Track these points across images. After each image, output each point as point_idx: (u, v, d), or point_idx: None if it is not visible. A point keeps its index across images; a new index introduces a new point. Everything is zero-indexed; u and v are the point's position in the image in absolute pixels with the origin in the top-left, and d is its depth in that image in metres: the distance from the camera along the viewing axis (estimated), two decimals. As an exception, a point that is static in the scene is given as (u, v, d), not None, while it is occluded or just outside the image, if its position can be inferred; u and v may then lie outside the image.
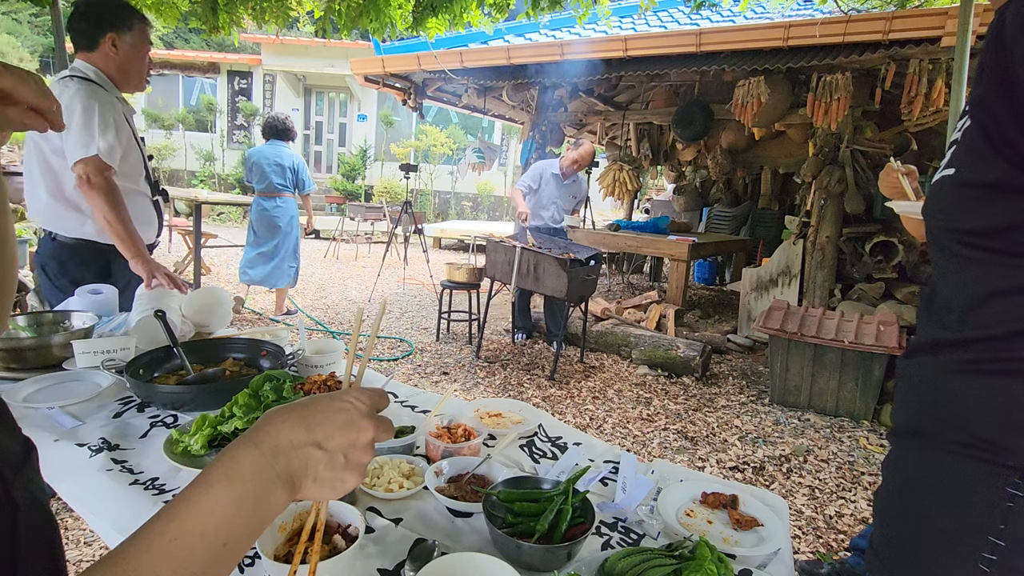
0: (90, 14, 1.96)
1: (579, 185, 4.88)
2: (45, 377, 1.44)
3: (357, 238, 10.48)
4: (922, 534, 0.78)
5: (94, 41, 1.96)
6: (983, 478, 0.70)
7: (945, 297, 0.79)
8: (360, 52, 11.22)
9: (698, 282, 8.28)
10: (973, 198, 0.72)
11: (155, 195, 2.24)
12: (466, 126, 16.26)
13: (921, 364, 0.82)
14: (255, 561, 0.85)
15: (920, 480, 0.79)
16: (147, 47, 2.08)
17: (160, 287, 1.90)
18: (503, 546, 0.87)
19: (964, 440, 0.73)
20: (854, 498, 2.67)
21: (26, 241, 5.72)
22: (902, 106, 4.27)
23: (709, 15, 6.08)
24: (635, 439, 3.21)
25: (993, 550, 0.68)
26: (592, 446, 1.32)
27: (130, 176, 2.08)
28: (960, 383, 0.75)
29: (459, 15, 3.86)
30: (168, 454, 1.09)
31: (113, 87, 2.03)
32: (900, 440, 0.86)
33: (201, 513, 0.45)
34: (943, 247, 0.79)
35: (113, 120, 1.92)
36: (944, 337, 0.78)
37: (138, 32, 2.02)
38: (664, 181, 11.81)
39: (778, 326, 3.66)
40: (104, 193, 1.86)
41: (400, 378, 3.96)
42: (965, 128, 0.74)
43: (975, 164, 0.71)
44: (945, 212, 0.78)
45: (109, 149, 1.89)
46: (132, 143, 2.07)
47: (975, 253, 0.72)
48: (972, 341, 0.73)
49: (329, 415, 0.54)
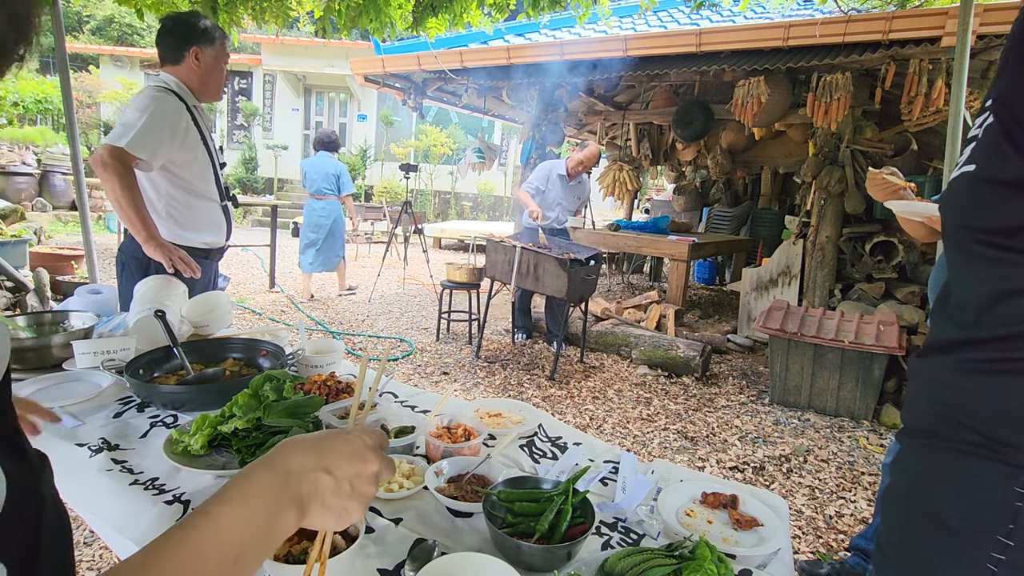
0: (176, 30, 2.08)
1: (584, 186, 4.88)
2: (45, 377, 1.44)
3: (357, 238, 10.48)
4: (930, 534, 0.77)
5: (179, 55, 2.09)
6: (993, 477, 0.70)
7: (960, 296, 0.78)
8: (360, 52, 11.22)
9: (698, 282, 8.28)
10: (993, 195, 0.71)
11: (224, 200, 2.32)
12: (466, 126, 16.26)
13: (933, 363, 0.82)
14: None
15: (928, 479, 0.79)
16: (226, 59, 2.21)
17: (162, 282, 1.90)
18: (503, 546, 0.87)
19: (974, 439, 0.72)
20: (854, 498, 2.67)
21: (26, 241, 5.71)
22: (902, 106, 4.28)
23: (709, 15, 6.08)
24: (635, 439, 3.21)
25: (1002, 550, 0.68)
26: (592, 446, 1.32)
27: (196, 181, 2.17)
28: (972, 382, 0.74)
29: (459, 15, 3.86)
30: (168, 454, 1.09)
31: (191, 97, 2.14)
32: (909, 439, 0.85)
33: (219, 526, 0.47)
34: (960, 245, 0.77)
35: (169, 126, 2.01)
36: (958, 336, 0.77)
37: (219, 45, 2.15)
38: (664, 181, 11.81)
39: (778, 326, 3.66)
40: (117, 175, 1.91)
41: (400, 378, 3.96)
42: (986, 124, 0.73)
43: (996, 161, 0.71)
44: (963, 209, 0.76)
45: (143, 146, 1.95)
46: (200, 150, 2.16)
47: (993, 252, 0.71)
48: (987, 340, 0.73)
49: (338, 445, 0.58)
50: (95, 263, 3.56)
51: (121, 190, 1.92)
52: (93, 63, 15.17)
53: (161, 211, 2.11)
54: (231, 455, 1.13)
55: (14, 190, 9.54)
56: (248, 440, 1.11)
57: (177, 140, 2.05)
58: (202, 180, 2.19)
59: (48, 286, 4.64)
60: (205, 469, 1.07)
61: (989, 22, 3.41)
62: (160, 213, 2.11)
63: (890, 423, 3.51)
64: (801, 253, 5.11)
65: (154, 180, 2.09)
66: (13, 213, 7.77)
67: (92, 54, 15.58)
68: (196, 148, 2.14)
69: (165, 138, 2.00)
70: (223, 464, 1.11)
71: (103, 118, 13.37)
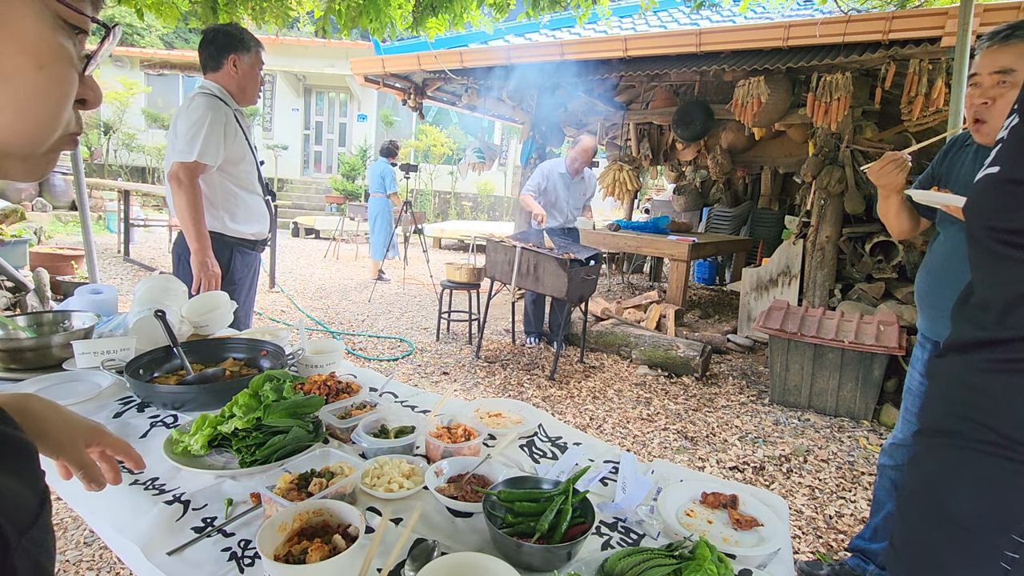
0: (217, 40, 2.29)
1: (588, 183, 4.85)
2: (45, 377, 1.44)
3: (357, 238, 10.48)
4: (944, 532, 0.77)
5: (219, 62, 2.30)
6: (1008, 476, 0.70)
7: (983, 297, 0.78)
8: (360, 52, 11.22)
9: (698, 282, 8.28)
10: (1018, 196, 0.71)
11: (266, 195, 2.54)
12: (466, 126, 16.26)
13: (951, 363, 0.82)
14: (255, 561, 0.85)
15: (944, 479, 0.79)
16: (261, 66, 2.41)
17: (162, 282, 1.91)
18: (503, 546, 0.87)
19: (990, 438, 0.72)
20: (854, 498, 2.67)
21: (26, 241, 5.71)
22: (902, 106, 4.27)
23: (709, 15, 6.08)
24: (635, 439, 3.21)
25: (1016, 548, 0.68)
26: (592, 446, 1.32)
27: (245, 178, 2.39)
28: (989, 381, 0.74)
29: (459, 15, 3.86)
30: (168, 454, 1.09)
31: (232, 100, 2.34)
32: (926, 439, 0.85)
33: None
34: (984, 246, 0.77)
35: (223, 129, 2.23)
36: (978, 337, 0.77)
37: (255, 53, 2.36)
38: (664, 181, 11.81)
39: (778, 326, 3.66)
40: (188, 193, 2.16)
41: (400, 378, 3.96)
42: (1012, 126, 0.73)
43: (1021, 161, 0.71)
44: (988, 210, 0.77)
45: (209, 153, 2.19)
46: (246, 150, 2.38)
47: (1017, 252, 0.71)
48: (1009, 340, 0.73)
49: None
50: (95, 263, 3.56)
51: (188, 206, 2.16)
52: (93, 63, 15.14)
53: (218, 204, 2.33)
54: (231, 455, 1.13)
55: (14, 190, 9.54)
56: (248, 440, 1.11)
57: (229, 141, 2.27)
58: (248, 176, 2.41)
59: (48, 286, 4.64)
60: (205, 469, 1.07)
61: (989, 22, 3.41)
62: (217, 205, 2.33)
63: (890, 423, 3.51)
64: (801, 253, 5.11)
65: (209, 178, 2.29)
66: (13, 213, 7.77)
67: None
68: (243, 148, 2.35)
69: (222, 142, 2.23)
70: (223, 464, 1.11)
71: (103, 118, 13.37)
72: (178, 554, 0.87)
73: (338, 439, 1.25)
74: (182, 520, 0.95)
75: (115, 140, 13.31)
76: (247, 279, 2.52)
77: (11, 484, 0.42)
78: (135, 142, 13.52)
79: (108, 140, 13.23)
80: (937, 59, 3.92)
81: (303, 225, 12.08)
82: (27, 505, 0.44)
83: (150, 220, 9.25)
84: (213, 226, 2.33)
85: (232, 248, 2.41)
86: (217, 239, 2.33)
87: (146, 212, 10.42)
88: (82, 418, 0.81)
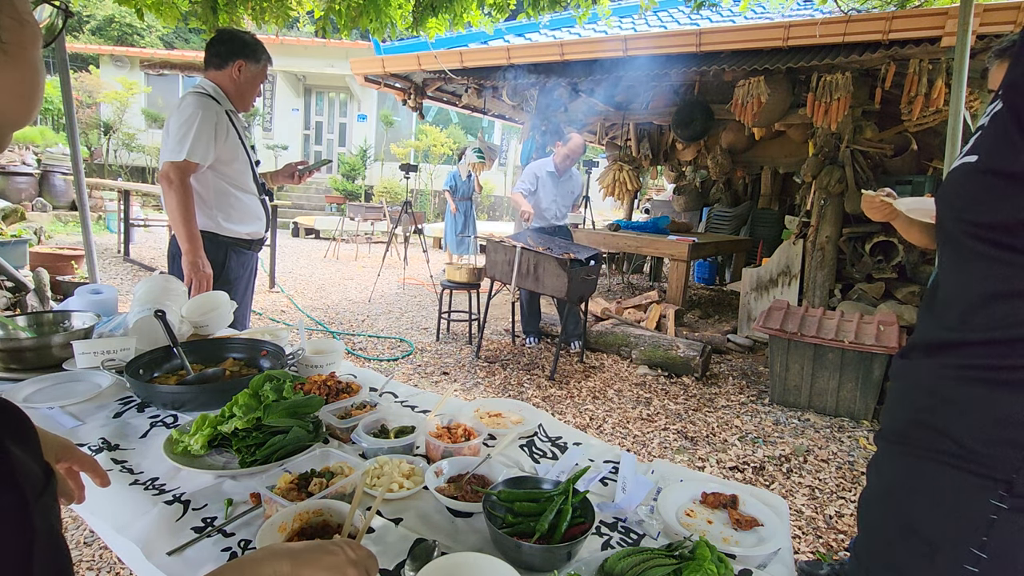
0: (229, 42, 2.30)
1: (575, 180, 4.85)
2: (45, 377, 1.44)
3: (357, 238, 10.48)
4: (905, 542, 0.76)
5: (224, 62, 2.29)
6: (968, 489, 0.69)
7: (947, 294, 0.76)
8: (360, 52, 11.22)
9: (698, 282, 8.28)
10: (995, 188, 0.67)
11: (262, 195, 2.51)
12: (466, 126, 16.26)
13: (916, 366, 0.80)
14: (255, 561, 0.85)
15: (904, 487, 0.77)
16: (264, 78, 2.42)
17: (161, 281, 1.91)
18: (503, 546, 0.87)
19: (951, 449, 0.71)
20: (854, 498, 2.67)
21: (26, 241, 5.71)
22: (902, 106, 4.27)
23: (709, 15, 6.08)
24: (635, 439, 3.21)
25: (976, 562, 0.67)
26: (592, 446, 1.32)
27: (239, 177, 2.36)
28: (953, 391, 0.72)
29: (459, 15, 3.86)
30: (168, 454, 1.09)
31: (226, 100, 2.32)
32: (887, 443, 0.83)
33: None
34: (953, 240, 0.74)
35: (214, 128, 2.20)
36: (943, 337, 0.75)
37: (262, 66, 2.38)
38: (664, 181, 11.80)
39: (778, 326, 3.66)
40: (179, 192, 2.14)
41: (400, 378, 3.96)
42: (995, 112, 0.68)
43: (1002, 151, 0.66)
44: (961, 201, 0.72)
45: (198, 152, 2.16)
46: (239, 150, 2.35)
47: (989, 248, 0.68)
48: (971, 343, 0.71)
49: (318, 555, 0.59)
50: (95, 263, 3.56)
51: (179, 206, 2.14)
52: (93, 63, 15.16)
53: (212, 203, 2.30)
54: (231, 455, 1.13)
55: (14, 190, 9.54)
56: (248, 440, 1.11)
57: (221, 140, 2.24)
58: (242, 176, 2.38)
59: (48, 286, 4.64)
60: (205, 469, 1.07)
61: (989, 22, 3.41)
62: (211, 205, 2.30)
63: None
64: (801, 253, 5.11)
65: (202, 177, 2.26)
66: (13, 213, 7.77)
67: (92, 54, 15.57)
68: (236, 147, 2.32)
69: (213, 140, 2.20)
70: (223, 464, 1.11)
71: (103, 118, 13.37)
72: (178, 554, 0.87)
73: (338, 439, 1.25)
74: (182, 520, 0.95)
75: (115, 140, 13.31)
76: (243, 279, 2.49)
77: (20, 452, 0.45)
78: (135, 142, 13.52)
79: (108, 140, 13.23)
80: (937, 59, 3.92)
81: (303, 225, 12.09)
82: (37, 474, 0.46)
83: (150, 220, 9.25)
84: (207, 226, 2.30)
85: (227, 248, 2.38)
86: (211, 239, 2.31)
87: (146, 212, 10.41)
88: (51, 434, 0.83)
